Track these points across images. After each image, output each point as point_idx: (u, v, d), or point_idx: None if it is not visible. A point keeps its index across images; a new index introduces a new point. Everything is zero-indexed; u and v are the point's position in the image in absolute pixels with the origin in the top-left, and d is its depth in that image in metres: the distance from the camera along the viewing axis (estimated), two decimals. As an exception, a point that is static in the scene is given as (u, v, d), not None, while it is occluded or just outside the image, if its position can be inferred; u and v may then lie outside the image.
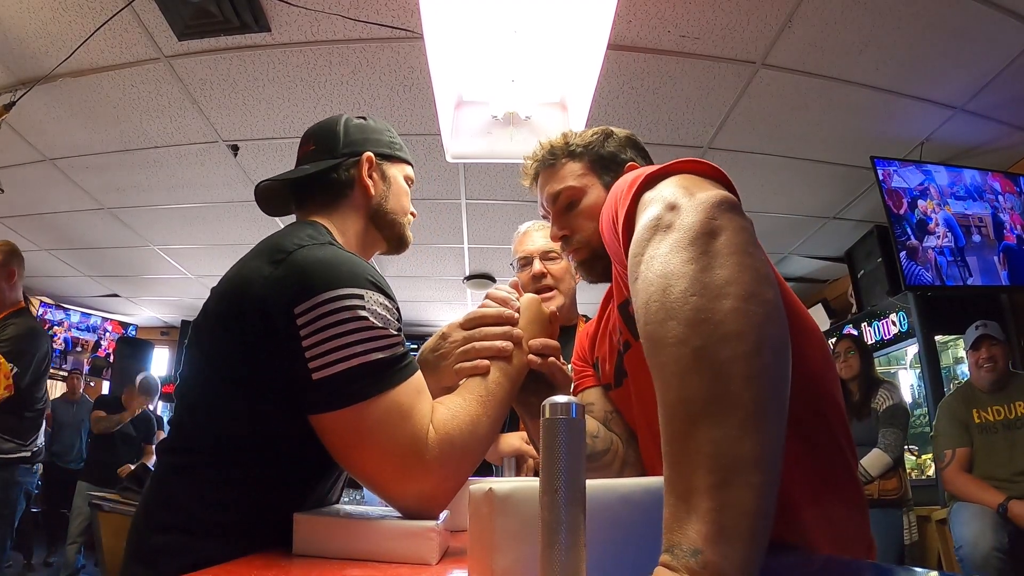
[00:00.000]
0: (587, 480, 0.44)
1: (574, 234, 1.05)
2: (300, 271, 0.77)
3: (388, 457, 0.74)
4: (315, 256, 0.80)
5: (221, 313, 0.81)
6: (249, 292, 0.78)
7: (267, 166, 3.18)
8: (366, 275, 0.80)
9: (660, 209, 0.57)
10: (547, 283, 1.60)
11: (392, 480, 0.75)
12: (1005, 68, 2.39)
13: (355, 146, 1.04)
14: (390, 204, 1.06)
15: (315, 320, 0.74)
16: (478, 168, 3.20)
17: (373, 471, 0.76)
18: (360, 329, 0.75)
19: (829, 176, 3.18)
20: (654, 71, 2.44)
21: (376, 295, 0.79)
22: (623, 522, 0.56)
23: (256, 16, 2.12)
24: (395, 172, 1.09)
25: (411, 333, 6.68)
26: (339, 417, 0.74)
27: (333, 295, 0.75)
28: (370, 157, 1.03)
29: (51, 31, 2.19)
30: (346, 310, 0.75)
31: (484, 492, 0.52)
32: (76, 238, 4.25)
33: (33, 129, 2.86)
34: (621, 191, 0.71)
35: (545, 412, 0.43)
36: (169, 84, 2.51)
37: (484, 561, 0.52)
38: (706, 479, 0.44)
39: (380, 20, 2.15)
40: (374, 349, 0.75)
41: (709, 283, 0.48)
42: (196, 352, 0.85)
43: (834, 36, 2.24)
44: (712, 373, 0.45)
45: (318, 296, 0.74)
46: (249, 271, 0.80)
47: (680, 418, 0.46)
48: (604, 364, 1.09)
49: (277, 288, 0.76)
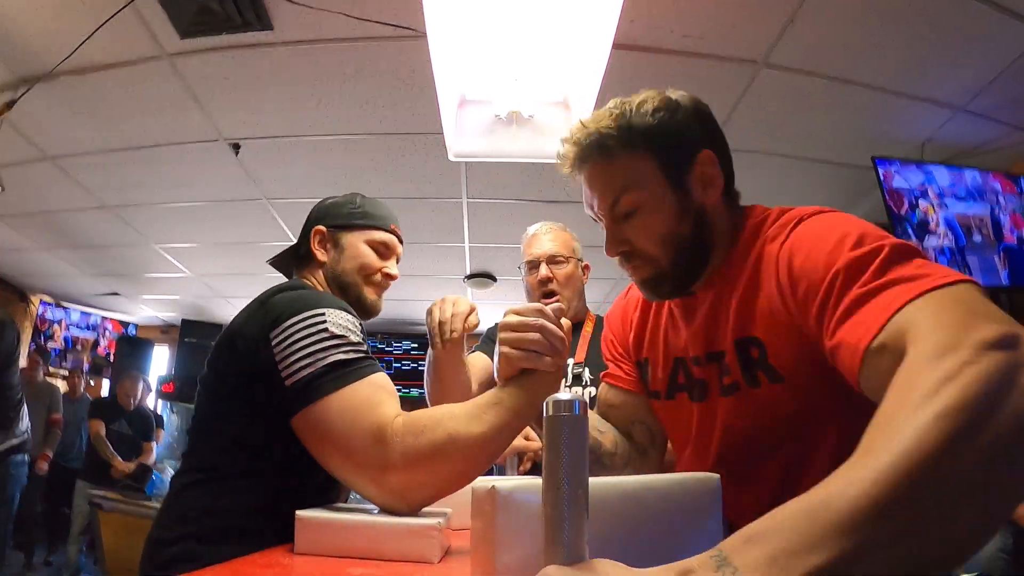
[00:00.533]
0: (590, 478, 0.43)
1: (635, 249, 0.88)
2: (275, 306, 0.94)
3: (351, 449, 0.81)
4: (288, 294, 0.96)
5: (221, 352, 0.97)
6: (241, 331, 0.94)
7: (268, 165, 3.18)
8: (331, 301, 0.96)
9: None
10: (552, 288, 1.63)
11: (358, 472, 0.81)
12: (1006, 68, 2.39)
13: (312, 223, 1.23)
14: (342, 267, 1.19)
15: (286, 339, 0.88)
16: (480, 167, 3.20)
17: (340, 464, 0.83)
18: (323, 339, 0.88)
19: (831, 176, 3.18)
20: (657, 71, 2.43)
21: (339, 312, 0.93)
22: (626, 519, 0.56)
23: (259, 14, 2.12)
24: (352, 239, 1.20)
25: (411, 332, 6.68)
26: (307, 414, 0.84)
27: (300, 318, 0.90)
28: (319, 230, 1.21)
29: (53, 29, 2.19)
30: (311, 327, 0.89)
31: (487, 490, 0.52)
32: (77, 236, 4.25)
33: (34, 127, 2.86)
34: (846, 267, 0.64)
35: (548, 409, 0.43)
36: (171, 82, 2.51)
37: (487, 559, 0.52)
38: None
39: (383, 19, 2.15)
40: (336, 351, 0.87)
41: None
42: (203, 392, 1.01)
43: (836, 36, 2.24)
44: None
45: (288, 320, 0.90)
46: (244, 316, 0.97)
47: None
48: (656, 369, 0.98)
49: (259, 323, 0.92)
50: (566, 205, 3.64)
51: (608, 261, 0.95)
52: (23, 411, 2.76)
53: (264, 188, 3.44)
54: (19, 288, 5.45)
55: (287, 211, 3.73)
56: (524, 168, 3.18)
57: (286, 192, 3.48)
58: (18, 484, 2.77)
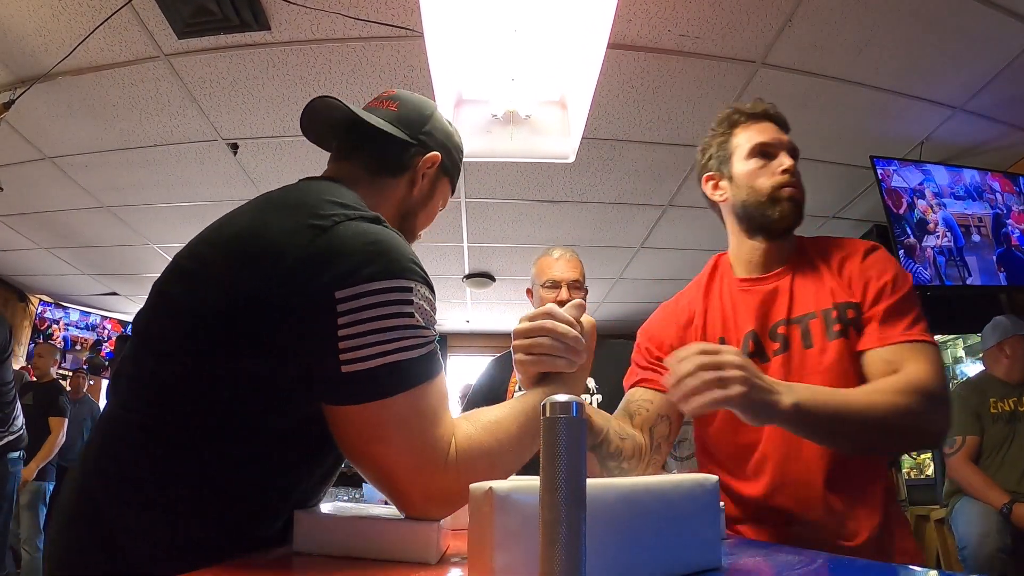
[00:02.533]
0: (588, 479, 0.44)
1: (798, 179, 1.21)
2: (348, 249, 0.69)
3: (405, 457, 0.69)
4: (365, 234, 0.72)
5: (235, 272, 0.71)
6: (282, 261, 0.69)
7: (267, 164, 3.18)
8: (417, 265, 0.74)
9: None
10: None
11: (404, 481, 0.70)
12: (1005, 68, 2.39)
13: (433, 140, 1.00)
14: (420, 209, 1.02)
15: (359, 310, 0.67)
16: (478, 167, 3.20)
17: (386, 469, 0.71)
18: (403, 327, 0.69)
19: (829, 175, 3.18)
20: (654, 70, 2.44)
21: (423, 289, 0.73)
22: (624, 521, 0.56)
23: (256, 14, 2.12)
24: (442, 187, 1.06)
25: (410, 332, 6.68)
26: (362, 411, 0.68)
27: (382, 286, 0.68)
28: (437, 157, 0.99)
29: (50, 29, 2.19)
30: (393, 304, 0.69)
31: (484, 491, 0.52)
32: (75, 236, 4.25)
33: (32, 127, 2.85)
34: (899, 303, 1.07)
35: (545, 411, 0.43)
36: (168, 82, 2.51)
37: (484, 560, 0.52)
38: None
39: (380, 19, 2.15)
40: (412, 347, 0.70)
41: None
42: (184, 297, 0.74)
43: (834, 36, 2.24)
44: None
45: (367, 285, 0.68)
46: (280, 232, 0.71)
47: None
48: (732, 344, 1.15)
49: (319, 265, 0.68)
50: (563, 204, 3.65)
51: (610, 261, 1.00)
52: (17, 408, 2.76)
53: (262, 188, 3.43)
54: (18, 288, 5.45)
55: (286, 211, 3.73)
56: (522, 167, 3.19)
57: (285, 192, 3.48)
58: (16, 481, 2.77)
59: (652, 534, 0.58)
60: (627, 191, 3.45)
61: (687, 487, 0.63)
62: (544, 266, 1.85)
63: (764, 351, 1.12)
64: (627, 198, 3.54)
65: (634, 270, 4.67)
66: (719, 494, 0.66)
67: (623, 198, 3.54)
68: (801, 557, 0.72)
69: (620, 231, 3.98)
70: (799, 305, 1.13)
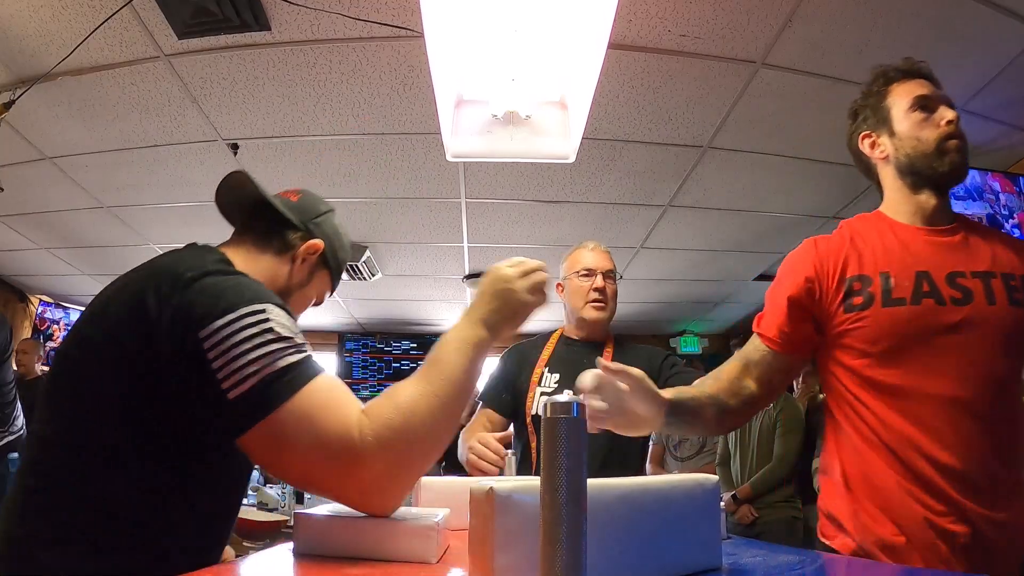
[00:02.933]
0: (589, 479, 0.44)
1: (960, 129, 1.17)
2: (203, 296, 0.76)
3: (315, 454, 0.72)
4: (218, 283, 0.79)
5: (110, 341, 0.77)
6: (147, 318, 0.75)
7: (267, 164, 3.18)
8: (270, 296, 0.81)
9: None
10: (603, 298, 1.82)
11: (326, 477, 0.73)
12: (1005, 68, 2.39)
13: (320, 231, 1.09)
14: (295, 291, 1.07)
15: (222, 341, 0.73)
16: (478, 167, 3.20)
17: (304, 472, 0.74)
18: (268, 341, 0.75)
19: (829, 176, 3.18)
20: (654, 70, 2.44)
21: (278, 310, 0.79)
22: (624, 521, 0.56)
23: (256, 15, 2.12)
24: (320, 277, 1.12)
25: (410, 332, 6.68)
26: (261, 428, 0.72)
27: (237, 315, 0.75)
28: (319, 245, 1.07)
29: (51, 29, 2.19)
30: (251, 326, 0.75)
31: (485, 491, 0.52)
32: (75, 236, 4.25)
33: (32, 127, 2.85)
34: None
35: (547, 411, 0.43)
36: (169, 83, 2.51)
37: (484, 560, 0.52)
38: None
39: (380, 19, 2.15)
40: (283, 355, 0.75)
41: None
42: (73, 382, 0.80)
43: (834, 36, 2.24)
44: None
45: (223, 318, 0.74)
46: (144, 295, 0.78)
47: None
48: (901, 280, 1.11)
49: (181, 318, 0.75)
50: (563, 204, 3.65)
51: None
52: (18, 408, 2.75)
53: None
54: (18, 288, 5.45)
55: (286, 211, 3.73)
56: (522, 168, 3.19)
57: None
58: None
59: (652, 534, 0.58)
60: (627, 191, 3.45)
61: (687, 487, 0.63)
62: (578, 256, 1.90)
63: (940, 295, 1.08)
64: (627, 198, 3.54)
65: (634, 270, 4.67)
66: (719, 494, 0.66)
67: (623, 198, 3.54)
68: (801, 557, 0.72)
69: (620, 231, 3.98)
70: (979, 261, 1.11)
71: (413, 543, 0.69)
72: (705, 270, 4.73)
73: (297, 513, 0.73)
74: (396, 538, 0.70)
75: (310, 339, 0.80)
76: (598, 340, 1.85)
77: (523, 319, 0.91)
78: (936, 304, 1.07)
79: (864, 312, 1.10)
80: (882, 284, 1.11)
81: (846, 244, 1.18)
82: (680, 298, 5.48)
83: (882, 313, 1.09)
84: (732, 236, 4.05)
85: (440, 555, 0.70)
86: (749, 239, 4.11)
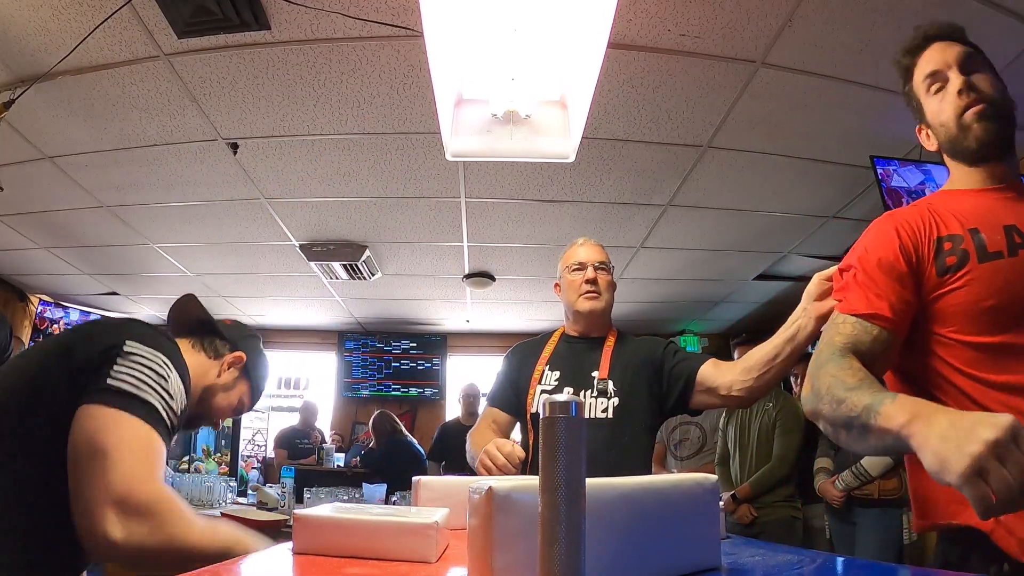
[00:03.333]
0: (588, 478, 0.44)
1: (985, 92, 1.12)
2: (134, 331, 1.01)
3: (115, 479, 0.85)
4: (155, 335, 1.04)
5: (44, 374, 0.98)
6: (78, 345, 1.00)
7: (266, 164, 3.18)
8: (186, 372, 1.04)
9: None
10: (596, 289, 1.80)
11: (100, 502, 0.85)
12: (1005, 68, 2.39)
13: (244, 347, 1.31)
14: (219, 392, 1.27)
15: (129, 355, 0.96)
16: (477, 166, 3.20)
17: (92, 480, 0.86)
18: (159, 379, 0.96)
19: (829, 175, 3.18)
20: (654, 70, 2.44)
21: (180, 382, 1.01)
22: (623, 520, 0.56)
23: (256, 14, 2.12)
24: (241, 387, 1.31)
25: (410, 332, 6.68)
26: (100, 410, 0.89)
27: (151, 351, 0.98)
28: (242, 356, 1.29)
29: (50, 29, 2.19)
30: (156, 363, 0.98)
31: (484, 490, 0.52)
32: (75, 236, 4.25)
33: (32, 127, 2.85)
34: None
35: (545, 411, 0.43)
36: (168, 82, 2.51)
37: (484, 559, 0.52)
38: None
39: (380, 18, 2.15)
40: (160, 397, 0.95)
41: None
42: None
43: (834, 36, 2.24)
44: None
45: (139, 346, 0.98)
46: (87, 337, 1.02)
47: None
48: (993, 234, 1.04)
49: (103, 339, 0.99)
50: (563, 204, 3.65)
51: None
52: None
53: (262, 187, 3.44)
54: (18, 287, 5.45)
55: (285, 210, 3.73)
56: (521, 167, 3.19)
57: (284, 191, 3.48)
58: None
59: (652, 534, 0.58)
60: (627, 191, 3.45)
61: (687, 487, 0.63)
62: (570, 253, 1.91)
63: (1017, 247, 1.01)
64: (627, 198, 3.54)
65: (634, 270, 4.67)
66: (718, 494, 0.66)
67: (623, 198, 3.54)
68: (801, 557, 0.72)
69: (620, 231, 3.98)
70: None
71: (412, 542, 0.69)
72: (705, 270, 4.73)
73: (296, 513, 0.74)
74: (396, 537, 0.70)
75: (310, 338, 0.84)
76: (598, 335, 1.84)
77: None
78: (1009, 257, 1.00)
79: (960, 272, 1.01)
80: (974, 241, 1.03)
81: (926, 210, 1.11)
82: (680, 298, 5.48)
83: (982, 269, 1.00)
84: (732, 236, 4.05)
85: (439, 554, 0.70)
86: (749, 239, 4.11)
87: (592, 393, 1.71)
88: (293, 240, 4.18)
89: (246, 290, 5.42)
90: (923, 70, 1.15)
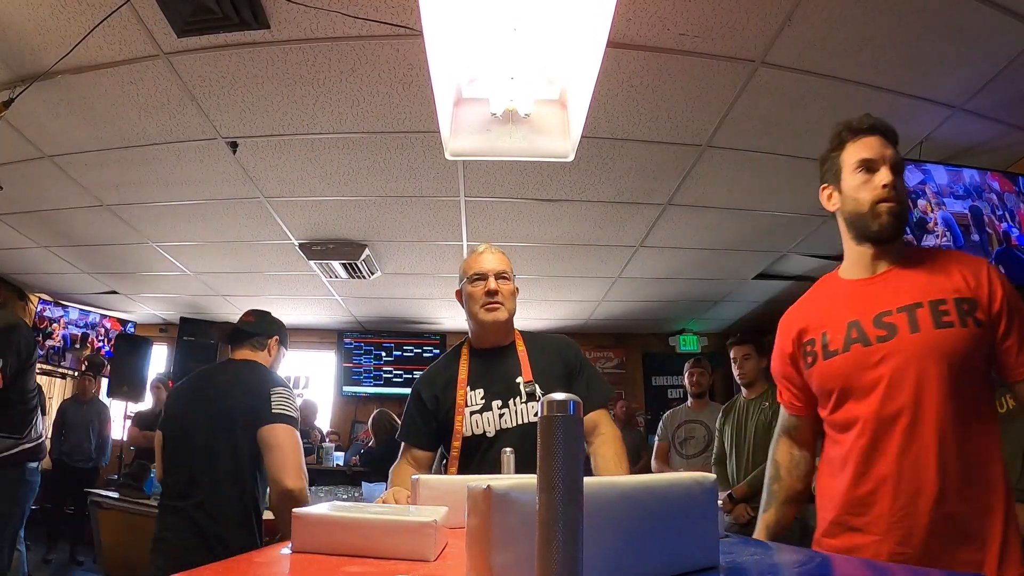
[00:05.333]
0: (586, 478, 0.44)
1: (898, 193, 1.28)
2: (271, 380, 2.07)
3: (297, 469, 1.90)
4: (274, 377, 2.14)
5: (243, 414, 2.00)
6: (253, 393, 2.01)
7: (266, 163, 3.18)
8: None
9: None
10: (497, 300, 1.85)
11: (288, 479, 1.87)
12: (1005, 68, 2.39)
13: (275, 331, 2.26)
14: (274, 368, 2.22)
15: (278, 395, 2.00)
16: (477, 165, 3.20)
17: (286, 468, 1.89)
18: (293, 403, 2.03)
19: (828, 175, 3.18)
20: (653, 69, 2.44)
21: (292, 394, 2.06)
22: (622, 519, 0.56)
23: (255, 13, 2.12)
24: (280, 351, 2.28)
25: (410, 330, 6.69)
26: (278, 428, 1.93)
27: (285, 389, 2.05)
28: (276, 339, 2.25)
29: (50, 27, 2.19)
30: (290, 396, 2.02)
31: (482, 489, 0.53)
32: (75, 235, 4.25)
33: (32, 126, 2.85)
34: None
35: (543, 409, 0.43)
36: (168, 81, 2.51)
37: (482, 558, 0.52)
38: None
39: (380, 17, 2.15)
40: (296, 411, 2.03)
41: None
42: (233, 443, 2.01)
43: (834, 35, 2.24)
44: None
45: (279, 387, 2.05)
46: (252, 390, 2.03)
47: None
48: (835, 335, 1.31)
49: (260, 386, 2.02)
50: (563, 203, 3.65)
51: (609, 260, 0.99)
52: (38, 417, 2.74)
53: (262, 186, 3.44)
54: (18, 286, 5.45)
55: (285, 209, 3.73)
56: (521, 166, 3.19)
57: (283, 190, 3.48)
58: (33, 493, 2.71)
59: (650, 533, 0.58)
60: (627, 190, 3.45)
61: (685, 486, 0.63)
62: (470, 262, 1.93)
63: (867, 337, 1.24)
64: (627, 197, 3.54)
65: (633, 269, 4.67)
66: (717, 493, 0.66)
67: (622, 197, 3.54)
68: (800, 557, 0.72)
69: (619, 230, 3.98)
70: (905, 296, 1.24)
71: (411, 541, 0.69)
72: (704, 269, 4.73)
73: (296, 512, 0.74)
74: (394, 536, 0.70)
75: (310, 337, 0.83)
76: (505, 343, 1.86)
77: None
78: (864, 347, 1.24)
79: (811, 370, 1.33)
80: (822, 342, 1.32)
81: (804, 313, 1.41)
82: (679, 297, 5.48)
83: (825, 364, 1.30)
84: (731, 235, 4.05)
85: (438, 553, 0.70)
86: (748, 238, 4.11)
87: (522, 399, 1.74)
88: (292, 239, 4.18)
89: (245, 289, 5.41)
90: (858, 152, 1.32)
